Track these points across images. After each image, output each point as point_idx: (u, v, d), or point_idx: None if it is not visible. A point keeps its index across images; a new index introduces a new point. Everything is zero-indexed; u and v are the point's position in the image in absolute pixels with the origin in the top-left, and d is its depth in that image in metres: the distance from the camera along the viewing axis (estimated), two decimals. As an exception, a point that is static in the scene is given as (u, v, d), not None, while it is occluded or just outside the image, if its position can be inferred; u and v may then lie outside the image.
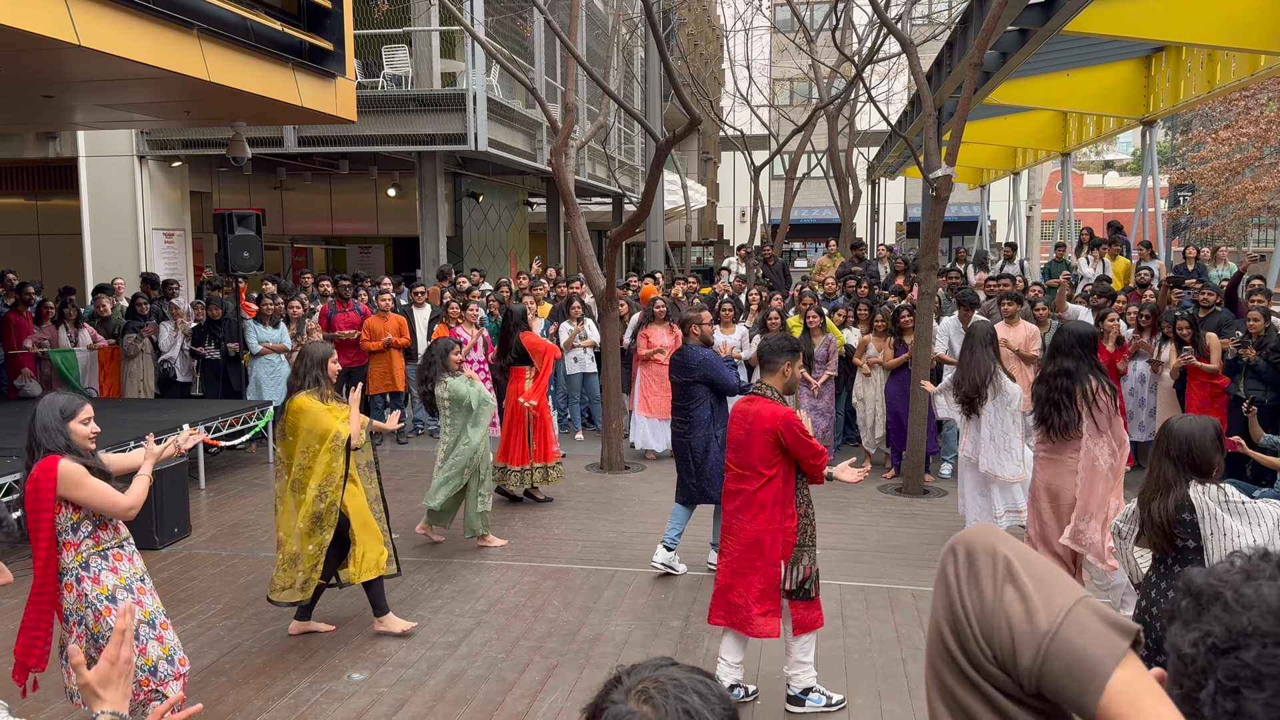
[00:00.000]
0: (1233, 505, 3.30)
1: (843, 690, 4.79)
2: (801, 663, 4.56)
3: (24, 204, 16.15)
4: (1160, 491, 3.45)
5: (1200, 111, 33.25)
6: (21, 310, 10.35)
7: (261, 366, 10.14)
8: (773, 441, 4.41)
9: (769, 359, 4.64)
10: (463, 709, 4.64)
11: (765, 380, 4.62)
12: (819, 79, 17.52)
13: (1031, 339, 8.56)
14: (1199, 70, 13.18)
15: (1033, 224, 35.23)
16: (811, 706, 4.57)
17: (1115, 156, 53.35)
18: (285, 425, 5.27)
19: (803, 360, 9.25)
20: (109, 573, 3.86)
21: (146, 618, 3.89)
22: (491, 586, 6.30)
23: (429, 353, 7.08)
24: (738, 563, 4.54)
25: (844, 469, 4.59)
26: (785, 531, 4.48)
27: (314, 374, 5.25)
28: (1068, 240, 17.67)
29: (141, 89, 8.28)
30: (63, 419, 3.80)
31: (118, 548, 3.94)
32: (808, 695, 4.58)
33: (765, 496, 4.47)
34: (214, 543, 7.32)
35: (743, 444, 4.52)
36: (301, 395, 5.22)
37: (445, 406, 6.91)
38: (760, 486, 4.47)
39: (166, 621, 4.01)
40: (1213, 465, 3.41)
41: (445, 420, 6.98)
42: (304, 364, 5.31)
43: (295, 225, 18.71)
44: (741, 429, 4.54)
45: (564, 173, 9.75)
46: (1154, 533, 3.47)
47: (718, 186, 40.81)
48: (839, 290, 11.69)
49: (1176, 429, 3.48)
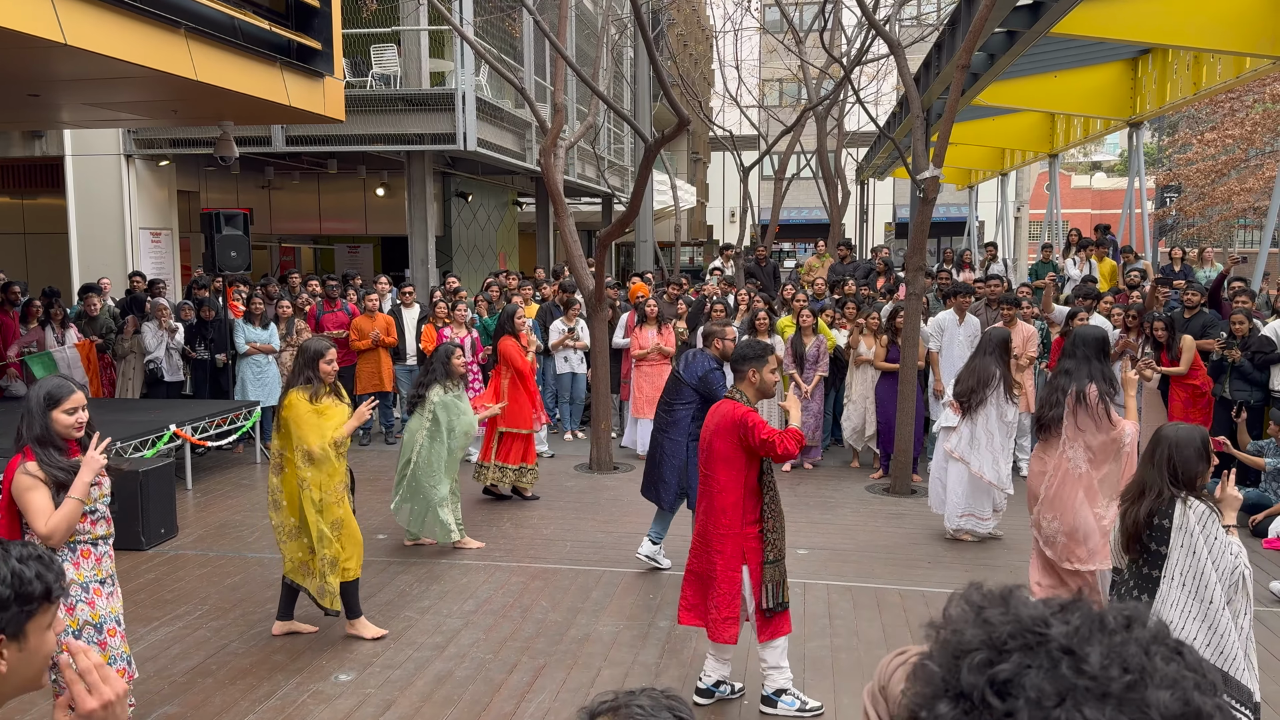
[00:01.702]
0: (1208, 534, 3.33)
1: (829, 690, 4.81)
2: (775, 666, 4.56)
3: (10, 203, 16.06)
4: (1138, 496, 3.49)
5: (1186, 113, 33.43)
6: (8, 310, 10.29)
7: (248, 367, 10.11)
8: (734, 440, 4.44)
9: (736, 367, 4.67)
10: (450, 710, 4.64)
11: (738, 386, 4.64)
12: (808, 80, 17.56)
13: (1030, 339, 8.63)
14: (1185, 72, 13.26)
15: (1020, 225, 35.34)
16: (784, 709, 4.55)
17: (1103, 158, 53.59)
18: (278, 419, 5.31)
19: (794, 360, 9.37)
20: (70, 566, 3.78)
21: (95, 620, 3.82)
22: (479, 587, 6.30)
23: (432, 358, 7.04)
24: (701, 564, 4.58)
25: (790, 400, 4.66)
26: (747, 538, 4.48)
27: (305, 373, 5.24)
28: (1055, 241, 17.75)
29: (128, 88, 8.24)
30: (46, 406, 3.71)
31: (89, 544, 3.86)
32: (780, 697, 4.56)
33: (726, 500, 4.49)
34: (201, 543, 7.29)
35: (707, 444, 4.57)
36: (293, 393, 5.21)
37: (430, 413, 6.83)
38: (721, 489, 4.49)
39: (116, 628, 3.90)
40: (1196, 476, 3.43)
41: (422, 425, 6.89)
42: (298, 361, 5.32)
43: (283, 225, 18.66)
44: (707, 430, 4.59)
45: (553, 173, 9.75)
46: (1124, 534, 3.55)
47: (707, 186, 40.84)
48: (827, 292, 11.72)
49: (1165, 436, 3.51)
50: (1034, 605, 0.87)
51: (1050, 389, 5.23)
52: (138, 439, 7.88)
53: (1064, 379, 5.17)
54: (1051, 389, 5.22)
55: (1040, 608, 0.86)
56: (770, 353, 4.66)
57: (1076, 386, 5.09)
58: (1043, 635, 0.82)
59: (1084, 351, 5.15)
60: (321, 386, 5.24)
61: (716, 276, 13.11)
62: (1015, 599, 0.88)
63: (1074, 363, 5.16)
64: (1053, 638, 0.82)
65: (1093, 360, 5.13)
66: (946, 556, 6.90)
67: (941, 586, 6.24)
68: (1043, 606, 0.86)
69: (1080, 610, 0.85)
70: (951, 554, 6.96)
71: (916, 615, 5.78)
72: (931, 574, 6.51)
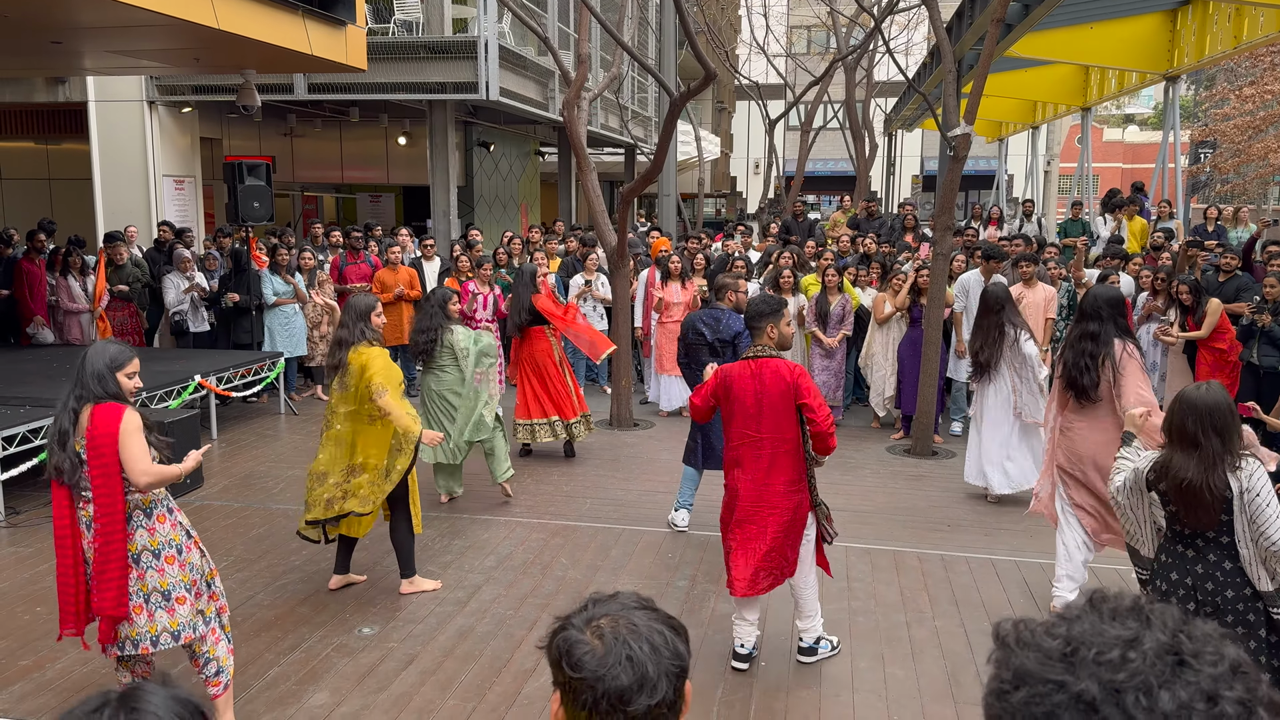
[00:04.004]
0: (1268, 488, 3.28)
1: (846, 653, 4.85)
2: (816, 615, 4.74)
3: (34, 148, 16.08)
4: (1210, 466, 3.31)
5: (1225, 67, 32.61)
6: (34, 258, 10.35)
7: (274, 317, 10.15)
8: (791, 398, 4.48)
9: (753, 324, 4.66)
10: (471, 665, 4.70)
11: (759, 342, 4.63)
12: (837, 29, 17.22)
13: (1050, 301, 8.50)
14: (1226, 24, 12.89)
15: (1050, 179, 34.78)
16: (823, 653, 4.77)
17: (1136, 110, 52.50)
18: (346, 376, 5.16)
19: (817, 318, 9.30)
20: (145, 532, 3.80)
21: (164, 588, 3.81)
22: (500, 543, 6.35)
23: (427, 302, 6.98)
24: (785, 522, 4.55)
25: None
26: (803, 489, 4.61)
27: (359, 326, 5.18)
28: (1085, 197, 17.45)
29: (150, 36, 8.18)
30: (111, 368, 3.76)
31: (165, 510, 3.90)
32: (819, 644, 4.76)
33: (792, 450, 4.55)
34: (226, 494, 7.38)
35: (760, 409, 4.52)
36: (361, 347, 5.14)
37: (446, 357, 6.80)
38: (788, 442, 4.53)
39: (185, 596, 3.86)
40: (1234, 435, 3.37)
41: (440, 372, 6.87)
42: (348, 315, 5.22)
43: (305, 173, 18.61)
44: (754, 394, 4.53)
45: (576, 125, 9.63)
46: (1206, 510, 3.34)
47: (732, 137, 40.35)
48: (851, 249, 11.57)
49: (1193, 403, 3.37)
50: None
51: (1077, 354, 5.12)
52: (163, 389, 7.95)
53: (1090, 343, 5.07)
54: (1079, 354, 5.11)
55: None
56: (785, 306, 4.69)
57: (1108, 351, 5.02)
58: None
59: (1109, 312, 5.08)
60: (376, 341, 5.22)
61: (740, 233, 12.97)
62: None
63: (1098, 325, 5.06)
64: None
65: (1114, 320, 5.07)
66: (967, 520, 6.89)
67: (961, 550, 6.24)
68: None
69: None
70: (971, 517, 6.95)
71: (935, 579, 5.78)
72: (951, 537, 6.51)
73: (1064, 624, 0.93)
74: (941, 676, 4.62)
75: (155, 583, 3.79)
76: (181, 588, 3.84)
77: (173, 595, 3.82)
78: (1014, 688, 0.91)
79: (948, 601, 5.48)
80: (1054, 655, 0.90)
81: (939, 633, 5.07)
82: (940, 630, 5.10)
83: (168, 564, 3.83)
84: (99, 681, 4.47)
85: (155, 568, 3.80)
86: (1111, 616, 0.92)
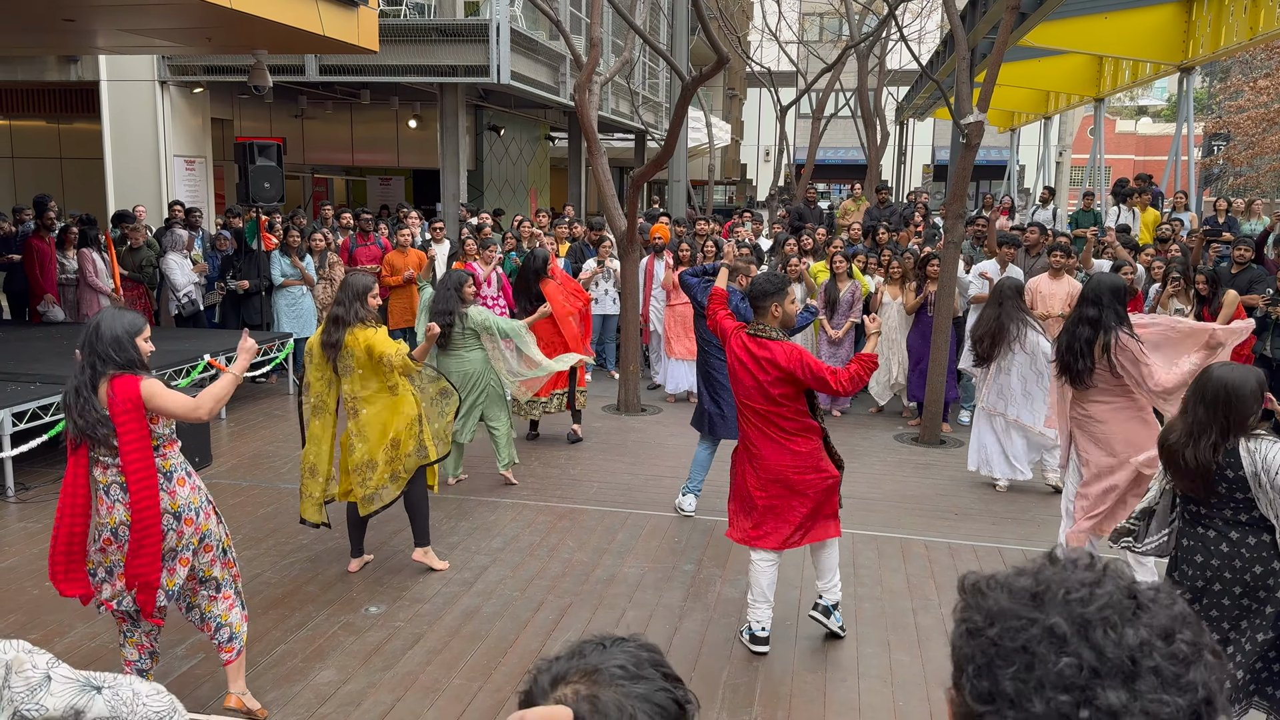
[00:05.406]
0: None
1: (853, 639, 4.85)
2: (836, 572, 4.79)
3: (45, 127, 16.12)
4: (1194, 436, 3.37)
5: (1240, 58, 32.35)
6: (44, 236, 10.37)
7: (282, 298, 10.17)
8: (786, 383, 4.50)
9: (757, 303, 4.66)
10: (478, 645, 4.72)
11: (762, 321, 4.62)
12: (850, 16, 17.12)
13: (1072, 296, 8.42)
14: (1242, 15, 12.79)
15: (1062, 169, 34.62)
16: (833, 624, 4.79)
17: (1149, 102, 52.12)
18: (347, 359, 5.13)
19: (825, 305, 9.29)
20: (166, 495, 3.76)
21: (177, 548, 3.81)
22: (507, 525, 6.37)
23: (443, 285, 6.99)
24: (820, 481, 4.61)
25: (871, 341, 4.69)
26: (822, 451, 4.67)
27: (355, 307, 5.14)
28: (1097, 189, 17.36)
29: (163, 14, 8.18)
30: (130, 333, 3.71)
31: (184, 473, 3.87)
32: (835, 610, 4.78)
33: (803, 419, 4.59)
34: (234, 473, 7.41)
35: (757, 387, 4.55)
36: (357, 328, 5.11)
37: (469, 338, 6.82)
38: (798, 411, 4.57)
39: (189, 558, 3.86)
40: (1249, 417, 3.35)
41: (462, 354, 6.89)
42: (344, 295, 5.16)
43: (316, 154, 18.63)
44: (750, 375, 4.56)
45: (587, 110, 9.60)
46: (1188, 478, 3.41)
47: (742, 124, 40.20)
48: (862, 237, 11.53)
49: (1217, 376, 3.39)
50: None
51: (1072, 338, 5.09)
52: (172, 369, 7.98)
53: (1086, 328, 5.03)
54: (1073, 338, 5.08)
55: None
56: (789, 285, 4.70)
57: (1105, 339, 4.97)
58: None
59: (1109, 298, 5.05)
60: (372, 321, 5.18)
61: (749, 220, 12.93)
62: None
63: (1096, 310, 5.02)
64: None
65: (1113, 307, 5.03)
66: (974, 508, 6.88)
67: (968, 538, 6.24)
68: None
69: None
70: (979, 505, 6.94)
71: (942, 566, 5.78)
72: (958, 525, 6.51)
73: (1029, 573, 1.01)
74: (946, 663, 4.61)
75: (172, 543, 3.80)
76: (188, 550, 3.86)
77: (179, 556, 3.83)
78: (987, 624, 0.98)
79: (954, 589, 5.46)
80: (1024, 594, 0.98)
81: (945, 620, 5.07)
82: (946, 618, 5.10)
83: (186, 525, 3.83)
84: (107, 655, 4.50)
85: (175, 530, 3.80)
86: (1073, 566, 1.00)
